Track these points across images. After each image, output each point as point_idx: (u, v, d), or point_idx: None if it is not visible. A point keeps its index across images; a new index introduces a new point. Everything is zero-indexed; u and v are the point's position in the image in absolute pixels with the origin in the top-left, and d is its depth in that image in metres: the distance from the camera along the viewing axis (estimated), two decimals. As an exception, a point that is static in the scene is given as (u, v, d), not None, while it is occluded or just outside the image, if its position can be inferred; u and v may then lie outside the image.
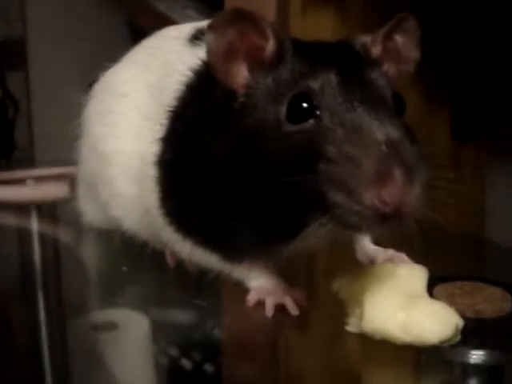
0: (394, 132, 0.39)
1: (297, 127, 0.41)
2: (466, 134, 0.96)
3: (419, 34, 0.48)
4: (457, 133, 0.95)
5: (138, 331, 0.50)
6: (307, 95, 0.42)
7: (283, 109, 0.42)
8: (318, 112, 0.41)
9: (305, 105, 0.41)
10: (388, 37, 0.47)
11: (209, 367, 0.44)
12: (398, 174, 0.38)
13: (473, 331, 0.45)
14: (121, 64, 0.60)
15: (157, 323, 0.50)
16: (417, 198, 0.39)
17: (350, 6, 0.86)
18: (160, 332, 0.49)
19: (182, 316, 0.52)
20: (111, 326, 0.49)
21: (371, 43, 0.47)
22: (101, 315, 0.53)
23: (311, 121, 0.41)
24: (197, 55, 0.50)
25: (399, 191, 0.37)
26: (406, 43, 0.48)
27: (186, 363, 0.45)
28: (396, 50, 0.48)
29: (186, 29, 0.56)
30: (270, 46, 0.44)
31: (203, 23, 0.53)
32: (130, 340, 0.49)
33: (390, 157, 0.38)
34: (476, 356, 0.43)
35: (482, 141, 0.97)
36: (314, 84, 0.42)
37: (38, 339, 0.48)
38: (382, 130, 0.39)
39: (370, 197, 0.38)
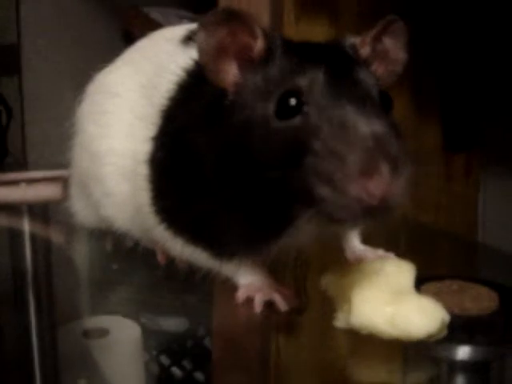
0: (379, 128, 0.40)
1: (285, 123, 0.42)
2: (457, 146, 0.97)
3: (407, 36, 0.49)
4: (448, 145, 0.96)
5: (128, 338, 0.50)
6: (295, 92, 0.42)
7: (272, 105, 0.43)
8: (305, 108, 0.42)
9: (293, 101, 0.42)
10: (377, 38, 0.48)
11: (199, 375, 0.44)
12: (383, 167, 0.38)
13: (459, 327, 0.46)
14: (114, 64, 0.61)
15: (148, 330, 0.50)
16: (402, 190, 0.39)
17: (343, 15, 0.87)
18: (151, 339, 0.49)
19: (173, 322, 0.52)
20: (102, 333, 0.49)
21: (360, 44, 0.47)
22: (92, 321, 0.53)
23: (299, 117, 0.42)
24: (189, 55, 0.50)
25: (385, 184, 0.38)
26: (394, 45, 0.48)
27: (176, 370, 0.45)
28: (384, 51, 0.48)
29: (179, 30, 0.57)
30: (259, 45, 0.45)
31: (196, 25, 0.53)
32: (120, 346, 0.49)
33: (376, 151, 0.39)
34: (462, 352, 0.44)
35: (473, 150, 0.98)
36: (302, 81, 0.42)
37: (28, 344, 0.48)
38: (367, 126, 0.40)
39: (356, 190, 0.38)
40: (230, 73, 0.45)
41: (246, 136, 0.43)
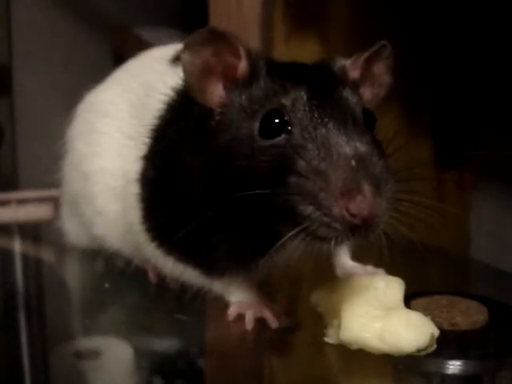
0: (362, 147, 0.40)
1: (269, 142, 0.43)
2: (448, 161, 0.97)
3: (393, 60, 0.50)
4: (440, 160, 0.96)
5: (121, 359, 0.49)
6: (279, 111, 0.43)
7: (256, 125, 0.43)
8: (289, 127, 0.42)
9: (277, 120, 0.43)
10: (367, 62, 0.49)
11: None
12: (365, 187, 0.39)
13: (450, 342, 0.46)
14: (105, 84, 0.61)
15: (140, 350, 0.50)
16: (384, 209, 0.40)
17: (333, 33, 0.87)
18: (143, 360, 0.49)
19: (165, 343, 0.52)
20: (94, 354, 0.49)
21: (351, 66, 0.48)
22: (84, 342, 0.52)
23: (283, 136, 0.42)
24: (178, 75, 0.51)
25: (367, 204, 0.39)
26: (382, 70, 0.50)
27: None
28: (372, 75, 0.49)
29: (169, 50, 0.57)
30: (243, 65, 0.45)
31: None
32: (113, 368, 0.49)
33: (359, 171, 0.39)
34: (453, 366, 0.44)
35: (464, 166, 0.98)
36: (286, 100, 0.43)
37: (19, 366, 0.47)
38: (350, 145, 0.40)
39: (338, 209, 0.39)
40: (216, 93, 0.46)
41: (231, 155, 0.44)
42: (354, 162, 0.40)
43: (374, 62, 0.49)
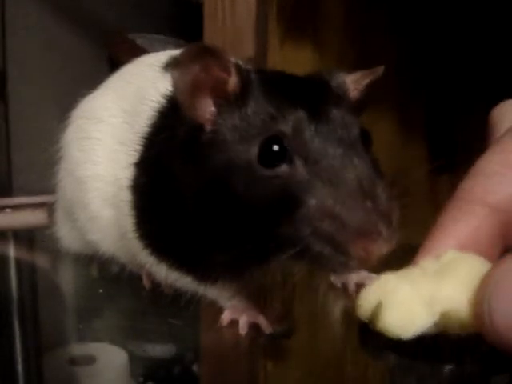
0: (369, 178, 0.40)
1: (270, 171, 0.41)
2: (442, 166, 0.97)
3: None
4: (433, 165, 0.97)
5: (115, 365, 0.49)
6: (278, 138, 0.42)
7: (254, 150, 0.42)
8: (290, 155, 0.41)
9: (276, 148, 0.41)
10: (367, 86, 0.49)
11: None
12: (381, 226, 0.39)
13: (445, 347, 0.46)
14: (98, 90, 0.61)
15: (135, 356, 0.50)
16: (396, 240, 0.40)
17: (327, 39, 0.88)
18: (138, 365, 0.49)
19: (160, 348, 0.52)
20: (89, 360, 0.49)
21: (352, 85, 0.48)
22: (78, 348, 0.52)
23: (284, 165, 0.41)
24: (170, 82, 0.50)
25: (385, 243, 0.39)
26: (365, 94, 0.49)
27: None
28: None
29: (162, 56, 0.57)
30: (233, 81, 0.44)
31: (179, 52, 0.54)
32: (107, 374, 0.48)
33: (372, 209, 0.39)
34: (447, 369, 0.44)
35: (457, 172, 0.98)
36: (285, 127, 0.42)
37: (13, 372, 0.47)
38: (359, 178, 0.40)
39: (356, 250, 0.39)
40: (206, 109, 0.44)
41: (228, 178, 0.43)
42: (366, 199, 0.39)
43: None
